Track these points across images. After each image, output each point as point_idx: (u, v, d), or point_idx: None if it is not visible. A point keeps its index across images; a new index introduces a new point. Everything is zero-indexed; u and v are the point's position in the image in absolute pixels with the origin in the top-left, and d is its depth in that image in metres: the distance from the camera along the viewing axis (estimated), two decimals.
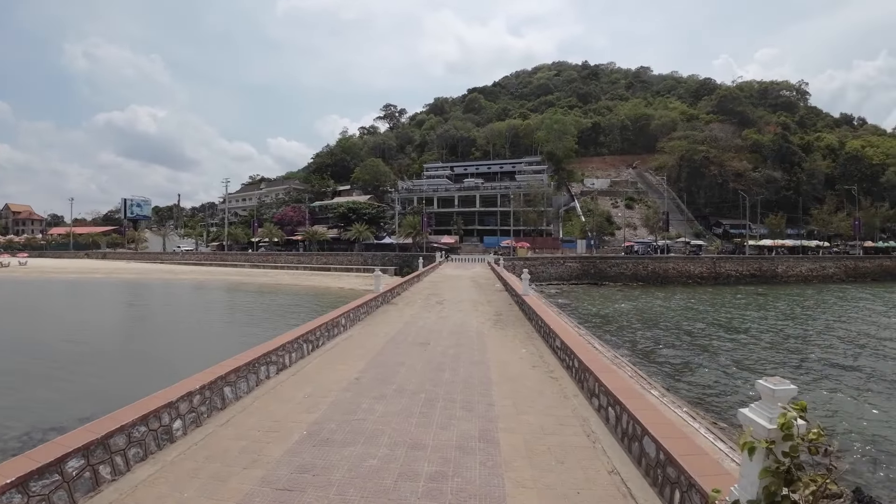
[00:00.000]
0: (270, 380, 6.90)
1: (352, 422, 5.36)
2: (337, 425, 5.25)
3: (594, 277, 46.15)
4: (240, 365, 6.11)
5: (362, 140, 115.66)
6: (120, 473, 4.09)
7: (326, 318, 9.79)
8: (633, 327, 22.62)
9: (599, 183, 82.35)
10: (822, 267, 54.51)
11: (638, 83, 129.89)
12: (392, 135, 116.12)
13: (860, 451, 9.50)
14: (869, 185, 76.09)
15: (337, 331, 10.29)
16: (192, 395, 5.12)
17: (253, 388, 6.42)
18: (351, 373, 7.43)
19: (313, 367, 7.84)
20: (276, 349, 7.19)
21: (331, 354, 8.73)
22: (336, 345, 9.49)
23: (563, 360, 7.86)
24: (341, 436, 4.97)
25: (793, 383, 2.61)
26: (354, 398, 6.20)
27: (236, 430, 5.14)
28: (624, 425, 4.77)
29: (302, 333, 8.28)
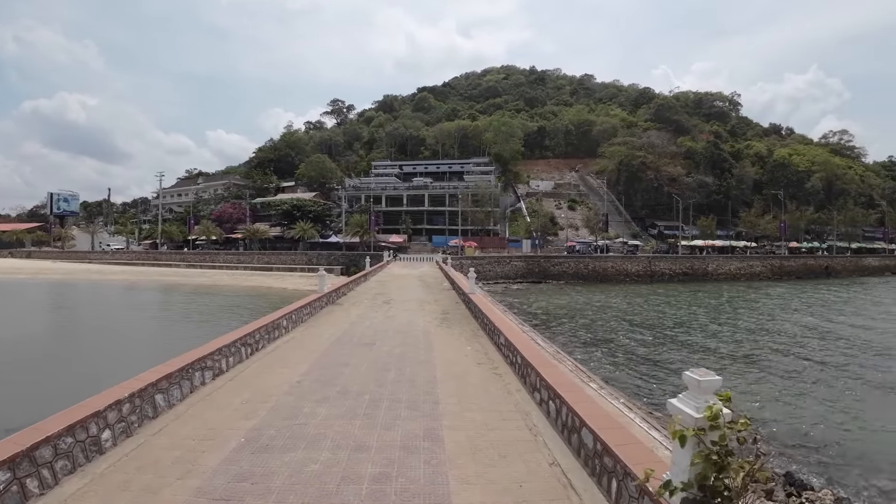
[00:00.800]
0: (206, 386, 6.59)
1: (293, 427, 5.20)
2: (277, 431, 5.08)
3: (539, 276, 47.53)
4: (172, 371, 5.80)
5: (308, 135, 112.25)
6: (48, 487, 3.83)
7: (267, 320, 9.44)
8: (575, 323, 23.43)
9: (544, 185, 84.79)
10: (749, 266, 58.86)
11: (582, 90, 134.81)
12: (339, 131, 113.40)
13: (791, 436, 10.20)
14: (795, 190, 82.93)
15: (278, 333, 9.96)
16: (121, 404, 4.81)
17: (187, 394, 6.12)
18: (293, 376, 7.21)
19: (252, 371, 7.54)
20: (211, 353, 6.85)
21: (271, 358, 8.43)
22: (277, 347, 9.18)
23: (507, 357, 8.01)
24: (282, 441, 4.82)
25: (723, 374, 2.80)
26: (296, 402, 6.03)
27: (170, 440, 4.88)
28: (564, 418, 4.91)
29: (240, 336, 7.93)
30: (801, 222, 74.93)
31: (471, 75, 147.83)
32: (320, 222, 66.74)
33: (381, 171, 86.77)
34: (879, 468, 8.80)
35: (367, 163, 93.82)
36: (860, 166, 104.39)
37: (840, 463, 9.04)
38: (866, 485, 8.23)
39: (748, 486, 2.71)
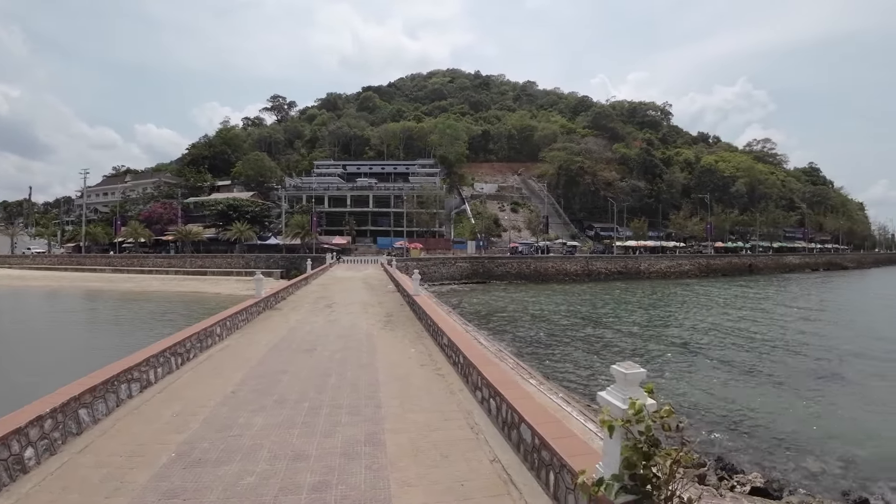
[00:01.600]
0: (133, 399, 6.19)
1: (227, 439, 4.97)
2: (210, 444, 4.84)
3: (483, 276, 48.28)
4: (96, 384, 5.40)
5: (246, 132, 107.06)
6: None
7: (198, 328, 8.96)
8: (518, 321, 23.98)
9: (488, 187, 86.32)
10: (678, 264, 62.91)
11: (525, 96, 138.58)
12: (280, 128, 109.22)
13: (722, 423, 10.89)
14: (720, 194, 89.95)
15: (211, 341, 9.48)
16: (43, 420, 4.46)
17: (113, 408, 5.74)
18: (227, 386, 6.89)
19: (183, 382, 7.14)
20: (138, 364, 6.43)
21: (204, 367, 8.01)
22: (210, 357, 8.74)
23: (450, 357, 8.07)
24: (215, 454, 4.60)
25: (654, 365, 2.94)
26: (230, 413, 5.77)
27: (96, 457, 4.56)
28: (504, 415, 5.00)
29: (169, 346, 7.47)
30: (726, 224, 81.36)
31: (416, 77, 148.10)
32: (258, 223, 63.99)
33: (323, 171, 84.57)
34: (807, 450, 9.51)
35: (308, 162, 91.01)
36: (782, 172, 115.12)
37: (768, 447, 9.67)
38: (795, 466, 8.85)
39: (675, 473, 2.85)
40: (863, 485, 8.30)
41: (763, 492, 7.52)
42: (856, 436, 10.27)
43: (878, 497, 7.91)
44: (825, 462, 9.06)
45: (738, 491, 7.37)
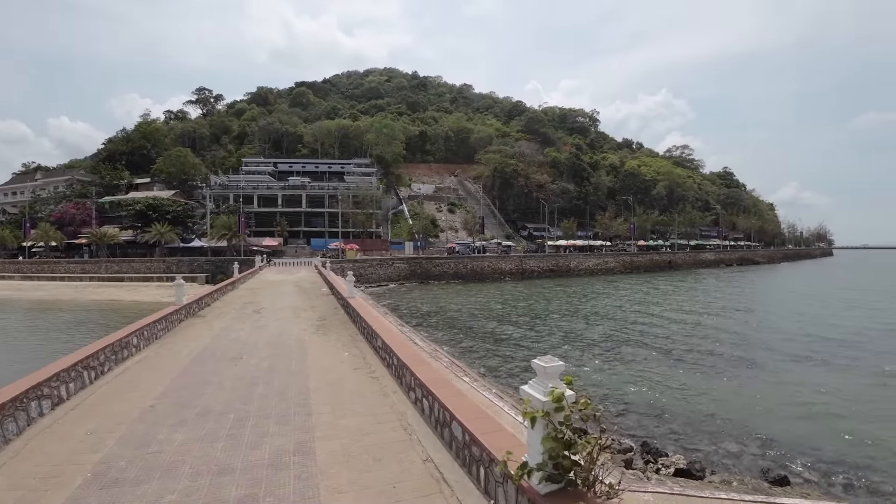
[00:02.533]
0: (45, 417, 5.71)
1: (146, 456, 4.67)
2: (128, 462, 4.54)
3: (421, 277, 48.37)
4: (4, 401, 4.98)
5: (168, 126, 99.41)
6: None
7: (113, 339, 8.29)
8: (455, 320, 24.23)
9: (425, 188, 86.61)
10: (605, 262, 66.54)
11: (461, 98, 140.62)
12: (205, 123, 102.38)
13: (647, 410, 11.50)
14: (643, 196, 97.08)
15: (128, 352, 8.81)
16: None
17: (24, 428, 5.31)
18: (145, 400, 6.44)
19: (98, 397, 6.62)
20: (47, 380, 5.90)
21: (120, 381, 7.44)
22: (127, 369, 8.12)
23: (384, 359, 8.01)
24: (134, 473, 4.32)
25: (582, 357, 3.08)
26: (149, 429, 5.41)
27: (7, 479, 4.23)
28: (436, 414, 5.05)
29: (80, 359, 6.87)
30: (648, 224, 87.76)
31: (353, 74, 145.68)
32: (181, 224, 59.76)
33: (252, 169, 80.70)
34: (726, 432, 10.21)
35: (236, 159, 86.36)
36: (698, 176, 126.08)
37: (690, 430, 10.30)
38: (716, 448, 9.46)
39: (596, 459, 3.03)
40: (780, 463, 8.87)
41: (686, 472, 7.90)
42: (771, 418, 11.09)
43: (796, 475, 8.45)
44: (744, 443, 9.68)
45: (663, 473, 7.76)
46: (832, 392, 13.04)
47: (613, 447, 8.51)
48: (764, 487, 7.62)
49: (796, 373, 15.21)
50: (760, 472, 8.41)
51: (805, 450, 9.40)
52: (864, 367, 15.72)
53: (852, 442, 9.77)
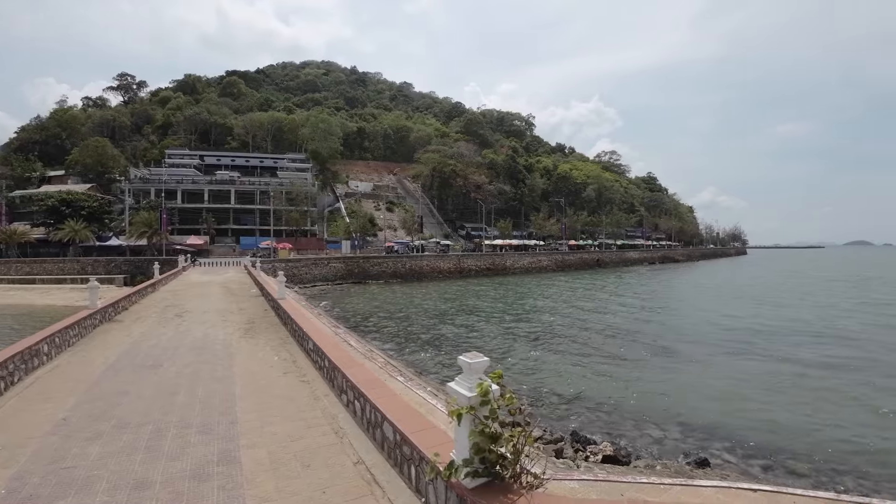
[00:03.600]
0: None
1: (59, 471, 4.35)
2: (41, 478, 4.22)
3: (359, 276, 47.63)
4: None
5: (86, 114, 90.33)
6: None
7: (23, 346, 7.53)
8: (393, 319, 24.09)
9: (363, 186, 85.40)
10: (538, 260, 69.22)
11: (401, 97, 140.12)
12: (126, 111, 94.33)
13: (574, 401, 11.95)
14: (574, 198, 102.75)
15: (37, 361, 8.02)
16: None
17: None
18: (57, 412, 5.94)
19: (7, 410, 6.05)
20: None
21: (30, 392, 6.80)
22: (37, 379, 7.42)
23: (315, 362, 7.85)
24: (47, 490, 4.02)
25: (516, 351, 3.16)
26: (62, 442, 5.02)
27: None
28: (368, 415, 5.03)
29: None
30: (578, 224, 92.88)
31: (288, 65, 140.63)
32: (97, 221, 54.61)
33: (177, 161, 75.44)
34: (650, 419, 10.79)
35: (159, 150, 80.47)
36: (625, 180, 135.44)
37: (616, 418, 10.82)
38: (640, 434, 9.97)
39: (521, 451, 3.11)
40: (700, 446, 9.38)
41: (613, 459, 8.20)
42: (690, 404, 11.84)
43: (716, 457, 8.91)
44: (666, 429, 10.22)
45: (591, 460, 8.03)
46: (745, 379, 14.14)
47: (545, 437, 8.94)
48: (686, 470, 7.95)
49: (713, 362, 16.43)
50: (682, 455, 8.90)
51: (723, 433, 10.04)
52: (775, 356, 17.14)
53: (766, 425, 10.54)
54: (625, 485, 3.49)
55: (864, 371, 14.93)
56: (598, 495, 3.30)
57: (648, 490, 3.43)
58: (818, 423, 10.71)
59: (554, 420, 10.62)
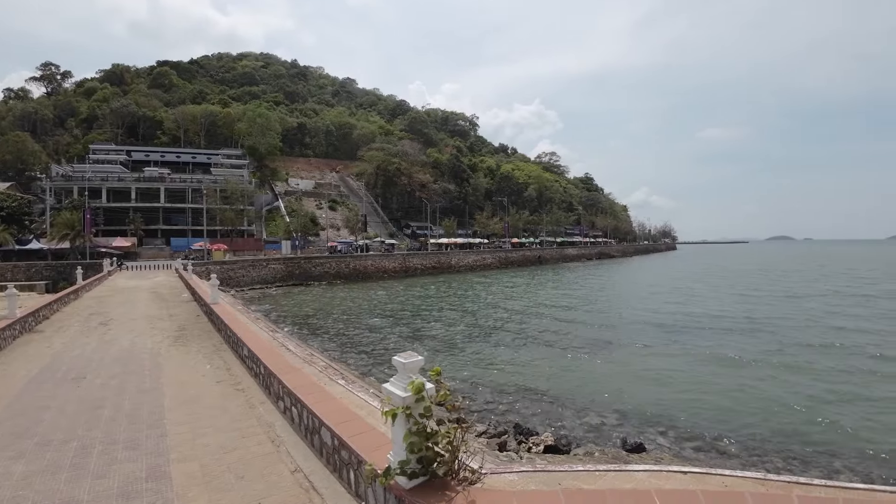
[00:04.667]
0: None
1: None
2: None
3: (300, 278, 46.30)
4: None
5: (6, 106, 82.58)
6: None
7: None
8: (337, 321, 23.70)
9: (304, 184, 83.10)
10: (483, 258, 70.59)
11: (344, 92, 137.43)
12: (49, 103, 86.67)
13: (517, 393, 12.26)
14: (516, 197, 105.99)
15: None
16: None
17: None
18: None
19: None
20: None
21: None
22: None
23: (251, 369, 7.64)
24: None
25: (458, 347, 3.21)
26: None
27: None
28: (306, 421, 4.98)
29: None
30: (520, 223, 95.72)
31: (225, 56, 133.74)
32: (16, 223, 49.77)
33: (102, 157, 70.18)
34: (589, 408, 11.24)
35: (83, 145, 74.68)
36: (564, 180, 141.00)
37: (557, 409, 11.20)
38: (580, 423, 10.36)
39: (459, 447, 3.12)
40: (637, 432, 9.80)
41: (554, 448, 8.41)
42: (627, 391, 12.46)
43: (651, 441, 9.32)
44: (604, 416, 10.66)
45: (533, 451, 8.19)
46: (679, 367, 15.06)
47: (489, 431, 9.17)
48: (622, 455, 8.29)
49: (648, 351, 17.41)
50: (620, 441, 9.27)
51: (658, 418, 10.59)
52: (706, 345, 18.33)
53: (698, 409, 11.22)
54: (562, 474, 3.52)
55: (788, 357, 16.19)
56: (537, 486, 3.30)
57: (584, 477, 3.47)
58: (748, 406, 11.50)
59: (498, 414, 10.85)
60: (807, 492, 3.27)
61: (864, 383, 13.14)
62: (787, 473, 7.11)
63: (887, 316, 24.34)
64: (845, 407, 11.31)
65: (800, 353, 16.69)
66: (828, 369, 14.50)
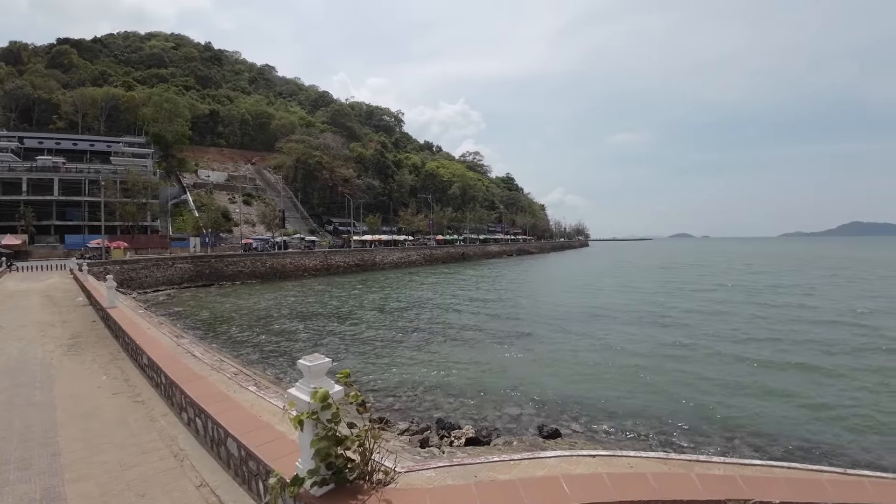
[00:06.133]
0: None
1: None
2: None
3: (210, 278, 43.26)
4: None
5: None
6: None
7: None
8: (251, 324, 22.60)
9: (216, 176, 78.06)
10: (408, 255, 70.51)
11: (262, 80, 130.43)
12: None
13: (439, 389, 12.43)
14: (440, 195, 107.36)
15: None
16: None
17: None
18: None
19: None
20: None
21: None
22: None
23: (152, 379, 7.22)
24: None
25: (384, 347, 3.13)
26: None
27: None
28: (211, 433, 4.83)
29: None
30: (444, 220, 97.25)
31: (132, 36, 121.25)
32: None
33: None
34: (507, 399, 11.69)
35: None
36: (487, 179, 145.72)
37: (478, 402, 11.52)
38: (500, 414, 10.73)
39: (371, 450, 3.07)
40: (553, 419, 10.26)
41: (475, 441, 8.59)
42: (543, 381, 13.07)
43: (566, 427, 9.80)
44: (523, 406, 11.09)
45: (455, 445, 8.32)
46: (592, 356, 16.07)
47: (411, 429, 9.23)
48: (539, 443, 8.60)
49: (563, 341, 18.45)
50: (537, 429, 9.63)
51: (573, 405, 11.24)
52: (616, 334, 19.71)
53: (610, 395, 12.00)
54: (478, 466, 3.58)
55: (693, 345, 17.78)
56: (454, 480, 3.32)
57: (499, 468, 3.55)
58: (658, 389, 12.53)
59: (422, 410, 11.00)
60: (706, 469, 3.55)
61: (761, 365, 14.76)
62: (689, 452, 7.79)
63: (777, 304, 27.64)
64: (744, 389, 12.59)
65: (704, 342, 18.29)
66: (730, 355, 16.01)
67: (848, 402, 11.66)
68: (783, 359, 15.53)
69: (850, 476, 3.65)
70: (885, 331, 19.69)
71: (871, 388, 12.66)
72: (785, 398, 11.89)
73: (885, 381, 13.22)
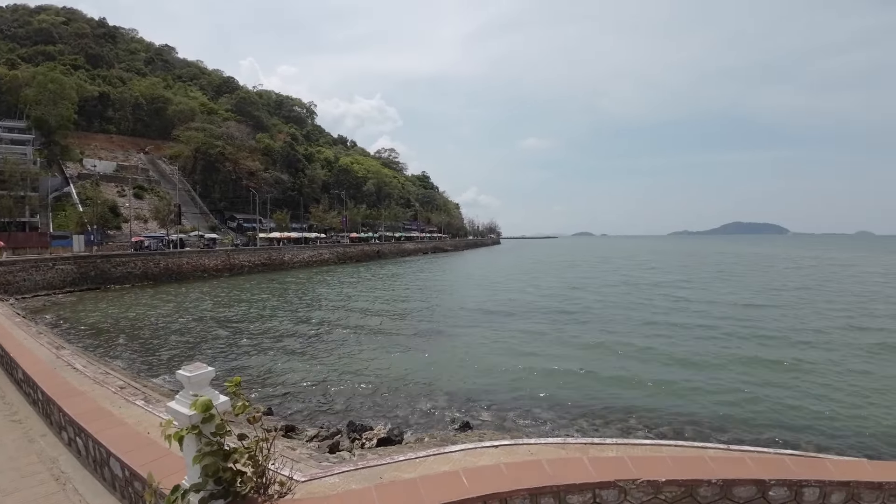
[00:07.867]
0: None
1: None
2: None
3: (97, 280, 38.91)
4: None
5: None
6: None
7: None
8: (143, 331, 20.89)
9: (103, 165, 70.24)
10: (320, 254, 68.38)
11: (160, 61, 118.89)
12: None
13: (350, 391, 12.35)
14: (354, 191, 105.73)
15: None
16: None
17: None
18: None
19: None
20: None
21: None
22: None
23: (28, 395, 6.67)
24: None
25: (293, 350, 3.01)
26: None
27: None
28: (93, 453, 4.64)
29: None
30: (359, 217, 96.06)
31: (20, 9, 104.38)
32: None
33: None
34: (421, 394, 11.88)
35: None
36: (402, 177, 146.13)
37: (389, 400, 11.63)
38: (412, 410, 10.87)
39: (266, 461, 2.97)
40: (464, 411, 10.58)
41: (387, 440, 8.54)
42: (454, 375, 13.46)
43: (476, 418, 10.09)
44: (434, 400, 11.35)
45: (367, 447, 8.15)
46: (499, 348, 16.85)
47: (320, 434, 9.10)
48: (450, 437, 8.55)
49: (472, 335, 19.21)
50: (449, 422, 9.83)
51: (482, 396, 11.70)
52: (521, 327, 20.79)
53: (517, 384, 12.60)
54: (384, 467, 3.61)
55: (597, 335, 19.14)
56: (358, 484, 3.30)
57: (405, 467, 3.60)
58: (561, 377, 13.36)
59: (332, 414, 10.85)
60: (600, 451, 3.78)
61: (660, 351, 16.26)
62: (587, 435, 8.37)
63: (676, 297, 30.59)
64: (642, 373, 13.71)
65: (608, 332, 19.76)
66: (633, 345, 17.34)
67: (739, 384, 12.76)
68: (676, 347, 17.16)
69: (732, 452, 3.98)
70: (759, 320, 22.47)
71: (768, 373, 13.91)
72: (679, 381, 13.09)
73: None
